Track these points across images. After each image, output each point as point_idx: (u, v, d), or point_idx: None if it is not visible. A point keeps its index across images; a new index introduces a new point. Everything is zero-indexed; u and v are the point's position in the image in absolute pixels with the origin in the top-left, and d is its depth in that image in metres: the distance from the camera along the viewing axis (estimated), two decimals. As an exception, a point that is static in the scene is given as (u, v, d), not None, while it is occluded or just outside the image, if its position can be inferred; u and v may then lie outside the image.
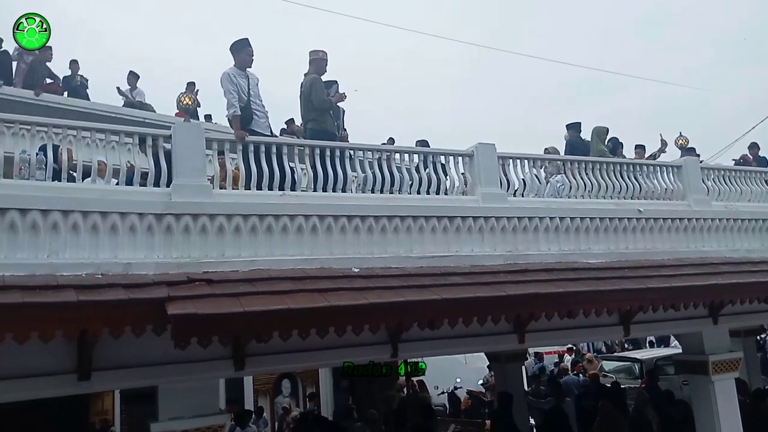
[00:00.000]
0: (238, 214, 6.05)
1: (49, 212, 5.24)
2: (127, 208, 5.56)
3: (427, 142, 9.25)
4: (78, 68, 12.27)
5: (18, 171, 5.47)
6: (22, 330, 4.41)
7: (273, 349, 5.73)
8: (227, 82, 6.81)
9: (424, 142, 9.24)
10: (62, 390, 5.41)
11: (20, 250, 5.11)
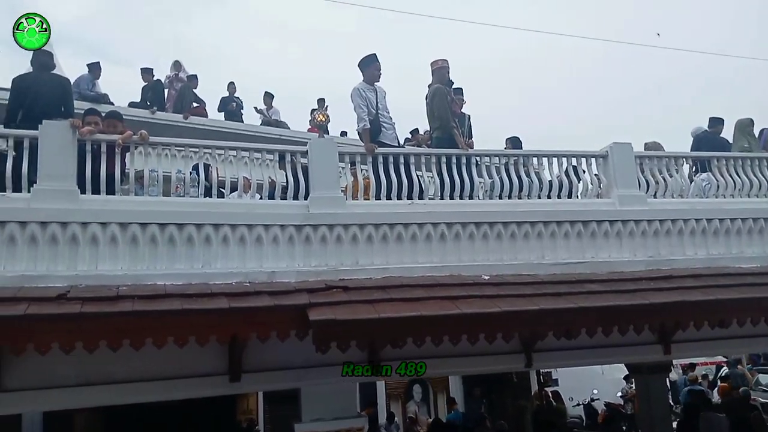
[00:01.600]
0: (370, 224, 6.24)
1: (203, 226, 5.72)
2: (270, 221, 5.93)
3: (519, 140, 8.91)
4: (234, 90, 13.23)
5: (175, 189, 6.03)
6: (182, 334, 4.86)
7: (407, 354, 5.84)
8: (357, 97, 7.07)
9: (516, 139, 8.90)
10: (216, 390, 5.88)
11: (178, 261, 5.61)
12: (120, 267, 5.34)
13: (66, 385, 5.20)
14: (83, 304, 4.60)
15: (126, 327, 4.61)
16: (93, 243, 5.31)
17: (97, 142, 5.69)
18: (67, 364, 4.94)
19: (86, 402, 5.87)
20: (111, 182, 5.63)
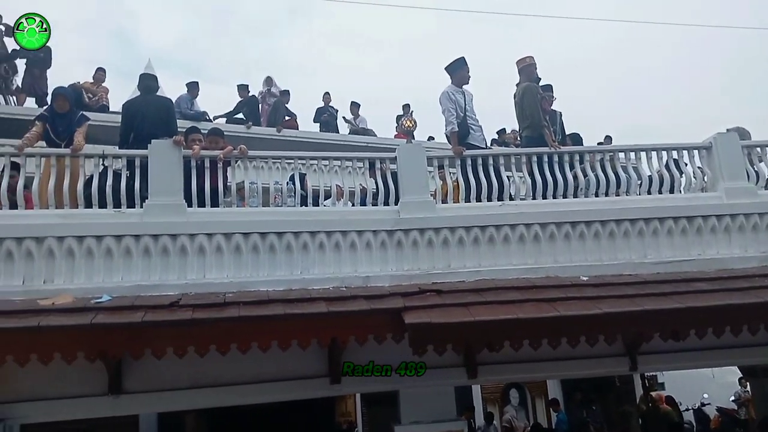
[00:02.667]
0: (461, 227, 6.23)
1: (300, 234, 5.92)
2: (363, 227, 6.05)
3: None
4: (329, 99, 13.62)
5: (273, 199, 6.28)
6: (284, 338, 5.06)
7: (504, 358, 5.78)
8: (446, 101, 7.09)
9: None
10: (317, 392, 6.07)
11: (279, 268, 5.84)
12: (226, 275, 5.63)
13: (179, 387, 5.55)
14: (194, 311, 4.89)
15: (233, 332, 4.85)
16: (200, 253, 5.63)
17: (201, 157, 6.03)
18: (179, 367, 5.26)
19: (197, 403, 6.23)
20: (214, 195, 5.95)
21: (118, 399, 5.37)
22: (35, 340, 4.54)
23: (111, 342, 4.70)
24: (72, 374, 5.08)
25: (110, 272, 5.41)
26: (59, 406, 5.35)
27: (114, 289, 5.28)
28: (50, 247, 5.32)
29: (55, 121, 6.24)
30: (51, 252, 5.32)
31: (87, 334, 4.60)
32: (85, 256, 5.38)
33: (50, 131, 6.21)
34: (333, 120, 13.33)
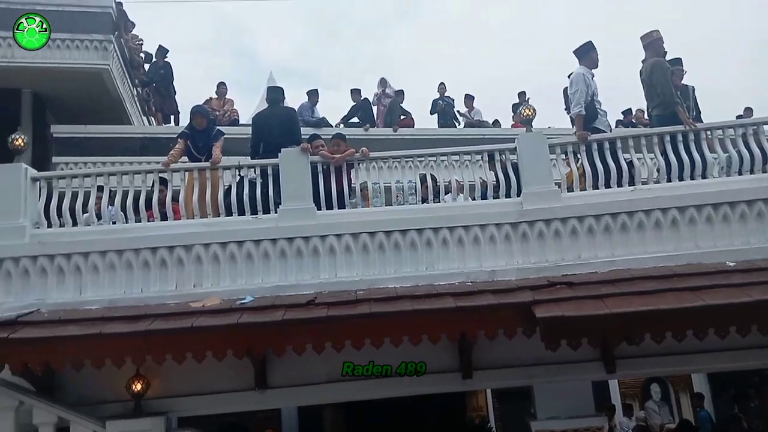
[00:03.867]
0: (590, 215, 6.00)
1: (423, 230, 5.99)
2: (486, 220, 6.00)
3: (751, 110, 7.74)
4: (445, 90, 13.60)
5: (395, 198, 6.41)
6: (415, 333, 5.15)
7: (645, 351, 5.50)
8: (581, 82, 6.87)
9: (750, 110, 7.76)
10: (449, 387, 6.13)
11: (404, 264, 5.95)
12: (355, 273, 5.83)
13: (318, 382, 5.83)
14: (329, 309, 5.11)
15: (366, 327, 5.02)
16: (331, 253, 5.87)
17: (326, 162, 6.29)
18: (318, 363, 5.53)
19: (335, 397, 6.52)
20: (341, 197, 6.18)
21: (264, 394, 5.73)
22: (190, 339, 4.97)
23: (256, 340, 5.04)
24: (222, 371, 5.49)
25: (251, 274, 5.79)
26: (212, 400, 5.79)
27: (255, 290, 5.65)
28: (198, 254, 5.79)
29: (195, 137, 6.79)
30: (199, 258, 5.79)
31: (234, 333, 4.97)
32: (229, 261, 5.80)
33: (191, 147, 6.77)
34: (449, 108, 13.33)
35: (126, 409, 5.48)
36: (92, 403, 5.52)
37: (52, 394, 5.50)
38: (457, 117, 13.39)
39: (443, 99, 13.46)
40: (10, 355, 4.88)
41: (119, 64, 10.96)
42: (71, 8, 10.42)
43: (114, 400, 5.53)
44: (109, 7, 10.66)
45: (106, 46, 10.21)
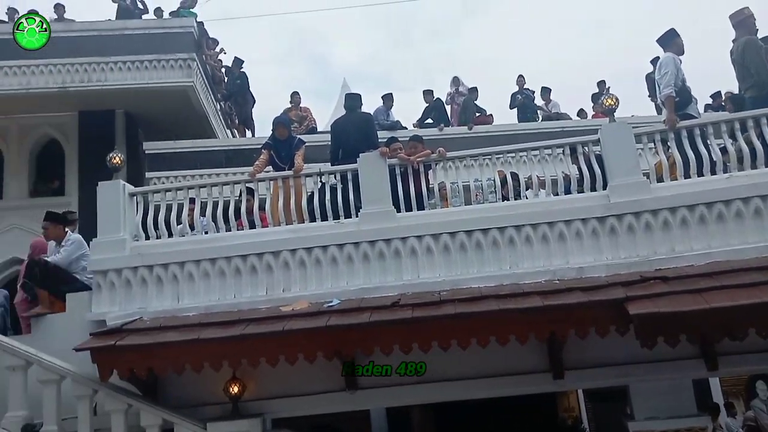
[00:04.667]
0: (683, 206, 5.73)
1: (505, 229, 5.91)
2: (570, 216, 5.85)
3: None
4: (524, 82, 13.35)
5: (475, 197, 6.36)
6: (502, 333, 5.09)
7: (750, 347, 5.19)
8: (671, 64, 6.65)
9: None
10: (539, 387, 6.01)
11: (487, 264, 5.89)
12: (438, 274, 5.83)
13: (406, 383, 5.85)
14: (413, 310, 5.14)
15: (452, 328, 5.01)
16: (413, 255, 5.90)
17: (404, 164, 6.32)
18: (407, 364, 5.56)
19: (423, 398, 6.53)
20: (419, 199, 6.20)
21: (354, 394, 5.82)
22: (281, 343, 5.14)
23: (344, 341, 5.13)
24: (314, 373, 5.63)
25: (336, 278, 5.91)
26: (304, 401, 5.93)
27: (341, 293, 5.76)
28: (285, 260, 5.97)
29: (278, 147, 7.02)
30: (286, 263, 5.96)
31: (324, 336, 5.08)
32: (315, 265, 5.95)
33: (275, 157, 7.00)
34: (529, 101, 13.07)
35: (224, 412, 5.71)
36: (192, 406, 5.78)
37: (156, 397, 5.82)
38: (536, 110, 13.10)
39: (522, 92, 13.21)
40: (117, 361, 5.21)
41: (202, 80, 11.49)
42: (156, 30, 11.04)
43: (212, 403, 5.78)
44: (191, 27, 11.19)
45: (190, 64, 10.71)
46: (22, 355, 5.51)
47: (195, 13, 12.74)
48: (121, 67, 10.51)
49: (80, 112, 11.08)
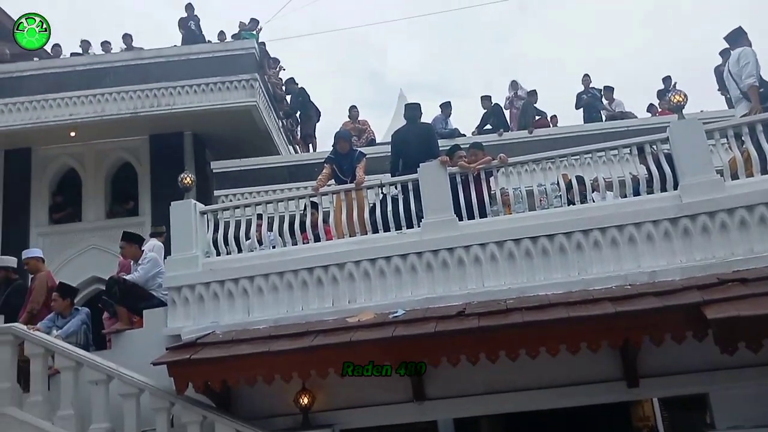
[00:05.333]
0: (761, 203, 5.48)
1: (572, 234, 5.78)
2: (641, 218, 5.67)
3: None
4: (589, 81, 13.01)
5: (539, 202, 6.26)
6: (573, 342, 4.97)
7: None
8: (751, 55, 6.63)
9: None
10: (613, 396, 5.81)
11: (554, 270, 5.78)
12: (503, 282, 5.76)
13: (474, 393, 5.80)
14: (480, 319, 5.09)
15: (520, 337, 4.93)
16: (476, 263, 5.86)
17: (464, 172, 6.30)
18: (474, 374, 5.51)
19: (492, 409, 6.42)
20: (481, 206, 6.15)
21: (422, 405, 5.81)
22: (349, 353, 5.18)
23: (411, 352, 5.14)
24: (381, 383, 5.64)
25: (401, 288, 5.93)
26: (373, 412, 5.96)
27: (406, 304, 5.77)
28: (350, 271, 6.04)
29: (340, 161, 7.14)
30: (351, 275, 6.04)
31: (390, 346, 5.11)
32: (379, 276, 5.99)
33: (337, 170, 7.12)
34: (595, 100, 12.74)
35: (295, 423, 5.82)
36: (264, 417, 5.91)
37: (229, 408, 5.98)
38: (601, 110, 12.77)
39: (588, 92, 12.90)
40: (192, 374, 5.39)
41: (265, 99, 11.84)
42: (219, 54, 11.45)
43: (284, 414, 5.89)
44: (252, 48, 11.55)
45: (252, 84, 11.07)
46: (103, 369, 5.77)
47: (255, 34, 13.15)
48: (188, 90, 10.97)
49: (151, 135, 11.62)
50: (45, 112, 11.01)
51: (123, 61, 11.38)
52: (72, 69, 11.34)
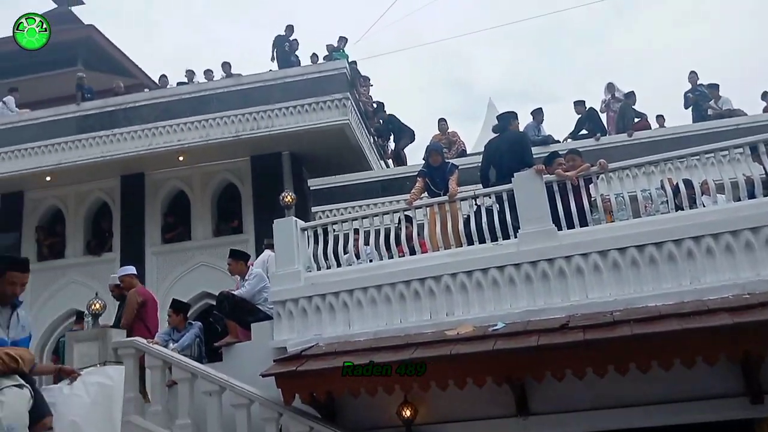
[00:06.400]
0: None
1: (681, 241, 5.49)
2: (758, 222, 5.31)
3: None
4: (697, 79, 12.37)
5: (644, 208, 5.99)
6: (687, 355, 4.71)
7: None
8: None
9: None
10: (733, 413, 5.40)
11: (664, 280, 5.50)
12: (608, 293, 5.55)
13: (581, 408, 5.59)
14: (585, 332, 4.94)
15: (629, 351, 4.74)
16: (579, 274, 5.69)
17: (562, 180, 6.14)
18: (580, 388, 5.33)
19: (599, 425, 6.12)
20: (581, 214, 5.97)
21: (527, 420, 5.68)
22: (450, 367, 5.19)
23: (513, 366, 5.06)
24: (483, 397, 5.58)
25: (499, 300, 5.86)
26: (475, 426, 5.86)
27: (505, 316, 5.69)
28: (447, 284, 6.04)
29: (432, 173, 7.18)
30: (448, 288, 6.03)
31: (491, 360, 5.06)
32: (476, 288, 5.95)
33: (429, 184, 7.16)
34: (705, 99, 12.04)
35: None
36: (368, 429, 6.01)
37: (334, 420, 6.12)
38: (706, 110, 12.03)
39: (695, 90, 12.21)
40: (299, 385, 5.59)
41: (356, 116, 12.13)
42: (312, 75, 11.86)
43: (387, 426, 5.95)
44: (343, 68, 11.88)
45: (345, 103, 11.38)
46: (216, 381, 6.08)
47: (346, 54, 13.52)
48: (284, 112, 11.44)
49: (252, 156, 12.20)
50: (156, 139, 11.83)
51: (224, 87, 12.04)
52: (179, 97, 12.14)
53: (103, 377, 4.04)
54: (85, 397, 3.84)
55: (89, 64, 17.88)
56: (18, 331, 3.68)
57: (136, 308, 7.11)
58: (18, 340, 3.65)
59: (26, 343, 3.76)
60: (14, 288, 3.63)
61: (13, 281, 3.63)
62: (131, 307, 7.13)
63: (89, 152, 11.96)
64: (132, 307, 7.12)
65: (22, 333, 3.72)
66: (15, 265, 3.77)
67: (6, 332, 3.59)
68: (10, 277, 3.62)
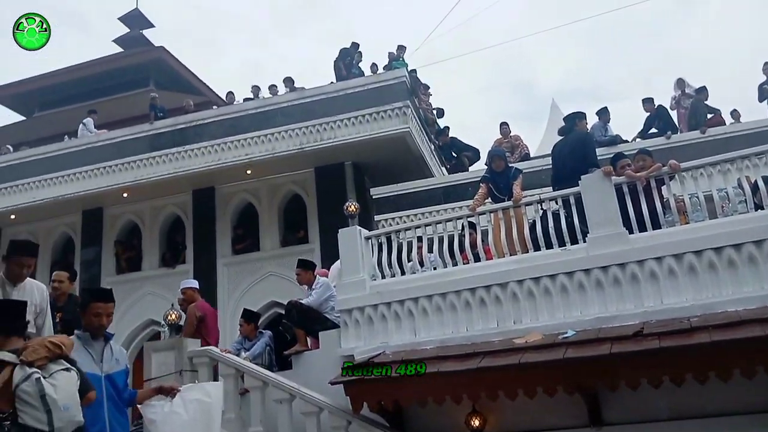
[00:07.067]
0: None
1: (763, 242, 5.21)
2: None
3: None
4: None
5: (720, 209, 5.72)
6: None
7: None
8: None
9: None
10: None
11: (744, 283, 5.24)
12: (685, 298, 5.33)
13: (658, 419, 5.37)
14: (660, 339, 4.75)
15: (709, 359, 4.53)
16: (653, 278, 5.48)
17: (632, 182, 5.94)
18: (658, 398, 5.13)
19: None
20: (654, 217, 5.75)
21: (600, 431, 5.51)
22: (519, 376, 5.10)
23: (584, 374, 4.93)
24: (555, 407, 5.44)
25: (569, 307, 5.72)
26: (547, 437, 5.77)
27: (575, 324, 5.55)
28: (513, 291, 5.95)
29: (495, 179, 7.10)
30: (515, 295, 5.94)
31: (562, 368, 4.94)
32: (544, 295, 5.83)
33: (493, 189, 7.08)
34: None
35: (467, 444, 5.78)
36: (435, 438, 5.97)
37: (402, 428, 6.13)
38: None
39: None
40: (367, 393, 5.62)
41: (417, 124, 12.15)
42: (372, 85, 11.97)
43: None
44: (403, 77, 11.93)
45: (405, 111, 11.42)
46: (287, 389, 6.18)
47: (406, 63, 13.57)
48: (346, 123, 11.59)
49: (315, 167, 12.42)
50: (224, 154, 12.23)
51: (288, 101, 12.33)
52: (245, 113, 12.51)
53: (201, 394, 4.05)
54: (184, 415, 3.86)
55: (160, 84, 18.72)
56: (112, 364, 3.71)
57: (195, 323, 7.29)
58: (112, 373, 3.68)
59: (122, 377, 3.78)
60: (100, 319, 3.68)
61: (98, 312, 3.68)
62: (190, 321, 7.33)
63: (162, 168, 12.50)
64: (191, 321, 7.30)
65: (116, 366, 3.74)
66: (97, 295, 3.84)
67: (99, 366, 3.63)
68: (94, 308, 3.68)
